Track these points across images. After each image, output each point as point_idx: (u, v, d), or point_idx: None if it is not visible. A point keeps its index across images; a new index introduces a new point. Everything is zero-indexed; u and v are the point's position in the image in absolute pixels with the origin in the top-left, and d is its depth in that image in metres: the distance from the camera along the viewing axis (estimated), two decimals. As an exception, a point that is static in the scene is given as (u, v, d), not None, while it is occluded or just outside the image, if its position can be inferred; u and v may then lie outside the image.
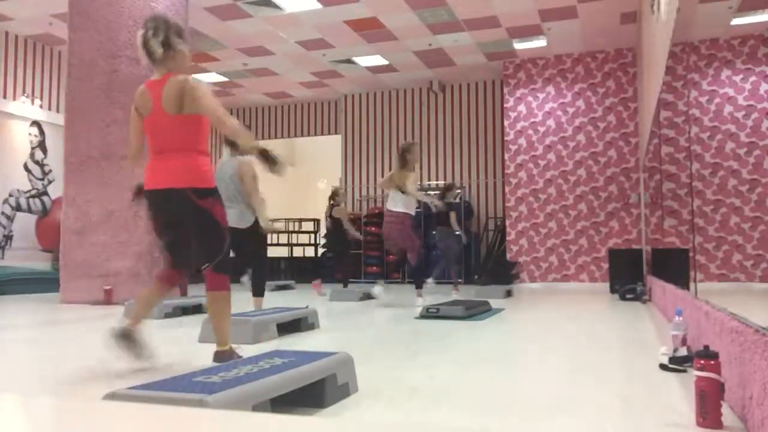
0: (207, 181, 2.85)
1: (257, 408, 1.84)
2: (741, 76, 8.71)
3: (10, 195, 9.55)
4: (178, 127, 2.81)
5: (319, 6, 8.66)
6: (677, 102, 8.04)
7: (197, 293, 6.65)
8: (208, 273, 2.88)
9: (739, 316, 2.10)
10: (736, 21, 8.12)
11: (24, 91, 9.83)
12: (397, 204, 6.35)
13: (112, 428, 1.11)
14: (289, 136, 14.53)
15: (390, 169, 13.01)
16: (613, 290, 8.16)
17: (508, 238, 10.91)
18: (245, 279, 9.88)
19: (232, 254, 3.31)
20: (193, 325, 4.65)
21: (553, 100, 10.89)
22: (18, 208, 9.65)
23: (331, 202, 8.47)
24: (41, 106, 10.10)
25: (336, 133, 13.73)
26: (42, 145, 10.08)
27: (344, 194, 8.43)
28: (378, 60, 11.06)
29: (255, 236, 4.96)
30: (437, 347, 3.56)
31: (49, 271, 9.19)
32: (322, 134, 14.04)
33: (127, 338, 2.85)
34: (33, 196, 9.90)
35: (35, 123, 9.99)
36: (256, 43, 10.19)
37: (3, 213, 9.42)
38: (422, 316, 5.17)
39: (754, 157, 8.67)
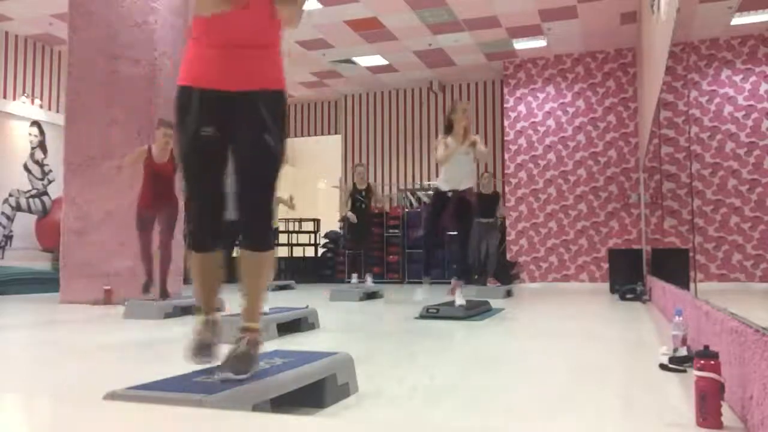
0: None
1: (257, 408, 1.84)
2: (741, 76, 8.71)
3: (10, 195, 9.55)
4: None
5: (319, 6, 8.66)
6: (677, 102, 8.04)
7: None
8: None
9: (739, 316, 2.10)
10: (736, 21, 8.12)
11: (24, 91, 9.83)
12: None
13: (112, 428, 1.11)
14: (288, 136, 14.51)
15: (389, 169, 13.07)
16: (613, 290, 8.16)
17: (508, 238, 10.91)
18: None
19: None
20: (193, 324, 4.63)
21: (553, 100, 10.89)
22: (18, 208, 9.65)
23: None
24: (41, 106, 10.10)
25: (336, 133, 13.72)
26: (42, 145, 10.08)
27: (361, 172, 8.40)
28: (378, 60, 11.06)
29: None
30: (437, 347, 3.56)
31: (49, 271, 9.18)
32: (322, 134, 14.03)
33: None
34: (33, 196, 9.90)
35: (35, 123, 9.99)
36: (256, 43, 10.18)
37: (3, 213, 9.42)
38: (422, 316, 5.16)
39: (754, 157, 8.67)
